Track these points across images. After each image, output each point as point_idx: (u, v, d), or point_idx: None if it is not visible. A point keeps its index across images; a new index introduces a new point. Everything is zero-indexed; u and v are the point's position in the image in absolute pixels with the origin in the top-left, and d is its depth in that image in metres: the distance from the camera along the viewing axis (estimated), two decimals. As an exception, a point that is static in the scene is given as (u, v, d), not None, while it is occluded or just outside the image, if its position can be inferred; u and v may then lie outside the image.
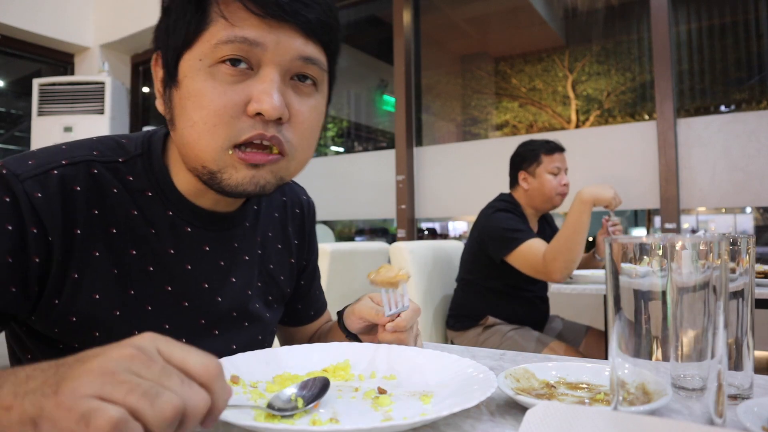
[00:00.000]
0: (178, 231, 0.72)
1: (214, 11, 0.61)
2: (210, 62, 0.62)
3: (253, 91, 0.62)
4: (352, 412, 0.55)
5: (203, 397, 0.38)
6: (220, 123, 0.61)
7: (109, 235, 0.67)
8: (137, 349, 0.37)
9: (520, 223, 2.05)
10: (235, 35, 0.60)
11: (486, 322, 2.12)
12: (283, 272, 0.87)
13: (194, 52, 0.62)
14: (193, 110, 0.62)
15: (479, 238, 2.12)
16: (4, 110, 4.92)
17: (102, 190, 0.67)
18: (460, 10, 4.06)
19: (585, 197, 1.80)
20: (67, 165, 0.65)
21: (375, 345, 0.74)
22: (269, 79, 0.62)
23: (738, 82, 3.10)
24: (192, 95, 0.62)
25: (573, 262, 1.81)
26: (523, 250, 1.93)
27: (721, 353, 0.39)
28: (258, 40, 0.61)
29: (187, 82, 0.63)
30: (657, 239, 0.39)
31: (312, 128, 0.68)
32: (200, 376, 0.38)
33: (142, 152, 0.71)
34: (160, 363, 0.37)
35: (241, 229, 0.78)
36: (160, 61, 0.68)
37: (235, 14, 0.61)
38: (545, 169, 2.11)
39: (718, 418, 0.39)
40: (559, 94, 3.81)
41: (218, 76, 0.62)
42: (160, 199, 0.71)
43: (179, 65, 0.64)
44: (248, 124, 0.62)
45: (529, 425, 0.39)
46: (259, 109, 0.61)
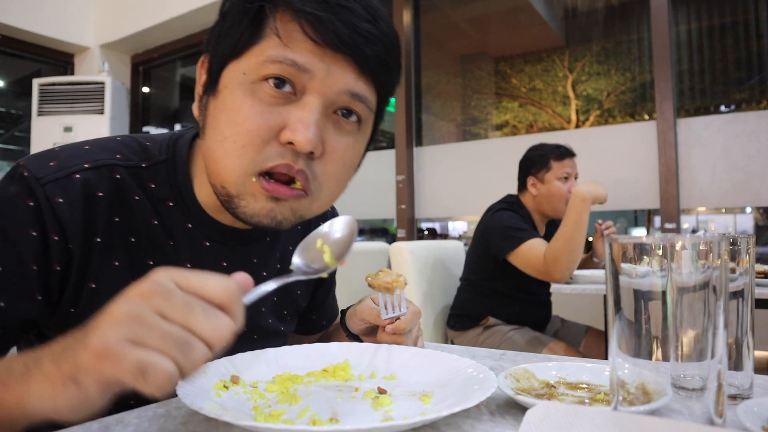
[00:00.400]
0: (197, 244, 0.70)
1: (269, 27, 0.58)
2: (254, 78, 0.59)
3: (291, 117, 0.58)
4: (352, 412, 0.55)
5: (227, 324, 0.39)
6: (249, 144, 0.58)
7: (128, 243, 0.65)
8: (155, 282, 0.38)
9: (522, 223, 2.04)
10: (285, 56, 0.57)
11: (486, 323, 2.12)
12: (300, 286, 0.86)
13: (240, 64, 0.60)
14: (225, 124, 0.59)
15: (483, 238, 2.11)
16: (4, 110, 4.92)
17: (124, 196, 0.65)
18: (460, 10, 4.06)
19: (585, 196, 1.78)
20: (90, 169, 0.63)
21: (375, 345, 0.74)
22: (310, 108, 0.58)
23: (738, 82, 3.09)
24: (228, 108, 0.59)
25: (574, 262, 1.80)
26: (524, 249, 1.92)
27: (721, 353, 0.39)
28: (307, 67, 0.58)
29: (226, 94, 0.60)
30: (657, 239, 0.39)
31: (344, 168, 0.65)
32: (221, 299, 0.39)
33: (166, 158, 0.69)
34: (180, 295, 0.38)
35: (260, 244, 0.76)
36: (206, 65, 0.65)
37: (290, 35, 0.58)
38: (554, 175, 2.07)
39: (718, 418, 0.39)
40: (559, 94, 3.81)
41: (259, 95, 0.59)
42: (181, 211, 0.68)
43: (222, 74, 0.61)
44: (277, 152, 0.59)
45: (529, 425, 0.39)
46: (291, 138, 0.57)
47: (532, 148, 2.18)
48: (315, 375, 0.67)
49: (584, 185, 1.83)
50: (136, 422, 0.51)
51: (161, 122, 4.90)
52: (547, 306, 2.26)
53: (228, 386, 0.59)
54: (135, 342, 0.35)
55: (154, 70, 4.82)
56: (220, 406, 0.53)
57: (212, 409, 0.48)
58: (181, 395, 0.50)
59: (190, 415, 0.53)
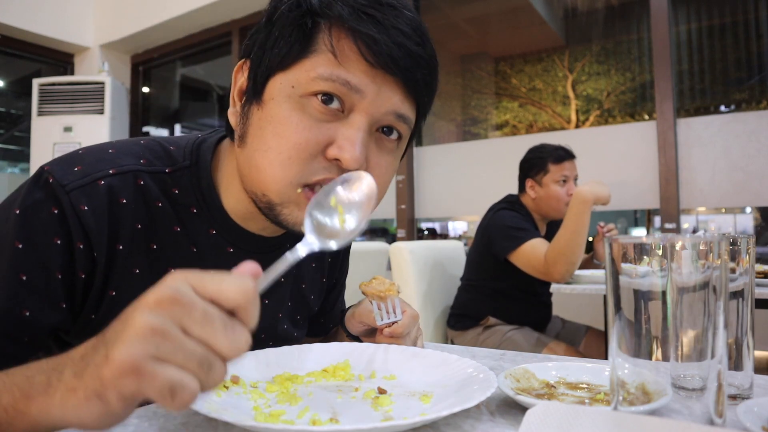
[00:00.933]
0: (220, 251, 0.69)
1: (323, 41, 0.58)
2: (303, 92, 0.59)
3: (338, 135, 0.59)
4: (352, 412, 0.55)
5: (245, 339, 0.38)
6: (296, 158, 0.58)
7: (149, 251, 0.65)
8: (174, 290, 0.37)
9: (524, 222, 2.04)
10: (338, 75, 0.57)
11: (486, 323, 2.12)
12: (313, 291, 0.86)
13: (289, 76, 0.59)
14: (271, 136, 0.59)
15: (484, 237, 2.11)
16: (4, 110, 4.92)
17: (147, 203, 0.65)
18: (460, 10, 4.06)
19: (586, 197, 1.77)
20: (115, 175, 0.62)
21: (375, 345, 0.74)
22: (357, 127, 0.59)
23: (738, 82, 3.09)
24: (274, 120, 0.59)
25: (574, 264, 1.80)
26: (525, 249, 1.92)
27: (721, 353, 0.39)
28: (360, 87, 0.58)
29: (273, 105, 0.60)
30: (657, 239, 0.39)
31: (384, 184, 0.66)
32: (237, 303, 0.38)
33: (190, 164, 0.68)
34: (200, 306, 0.37)
35: (282, 251, 0.76)
36: (246, 72, 0.65)
37: (345, 53, 0.58)
38: (552, 178, 2.06)
39: (718, 418, 0.39)
40: (559, 94, 3.81)
41: (307, 109, 0.59)
42: (205, 217, 0.68)
43: (268, 84, 0.61)
44: (323, 167, 0.59)
45: (529, 425, 0.39)
46: (339, 156, 0.58)
47: (531, 150, 2.17)
48: (315, 375, 0.67)
49: (586, 185, 1.81)
50: (136, 422, 0.51)
51: (161, 122, 4.90)
52: (547, 306, 2.26)
53: (228, 386, 0.59)
54: (161, 359, 0.35)
55: (154, 70, 4.82)
56: (220, 406, 0.53)
57: (212, 409, 0.48)
58: (181, 395, 0.50)
59: (190, 415, 0.53)
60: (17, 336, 0.58)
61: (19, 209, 0.58)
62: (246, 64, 0.65)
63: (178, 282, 0.38)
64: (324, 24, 0.58)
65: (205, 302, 0.38)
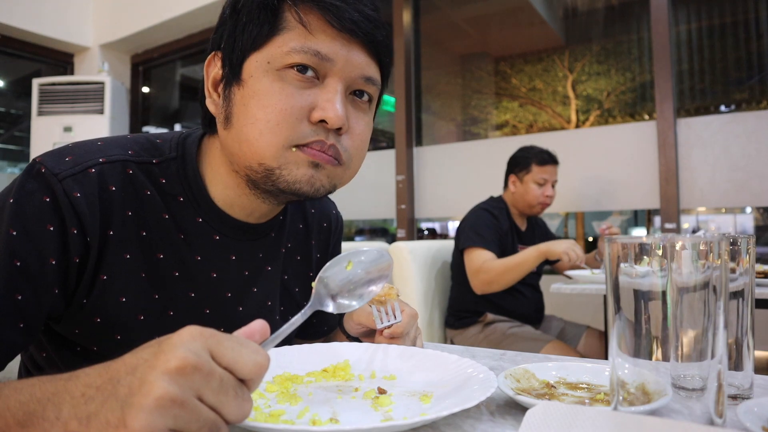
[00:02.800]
0: (207, 238, 0.72)
1: (291, 17, 0.63)
2: (279, 66, 0.63)
3: (319, 99, 0.63)
4: (352, 412, 0.55)
5: (250, 407, 0.40)
6: (283, 123, 0.62)
7: (140, 237, 0.67)
8: (196, 357, 0.36)
9: (487, 230, 2.14)
10: (309, 46, 0.62)
11: (485, 320, 2.12)
12: (298, 284, 0.87)
13: (263, 54, 0.64)
14: (257, 108, 0.63)
15: (458, 231, 2.24)
16: (4, 110, 4.92)
17: (136, 191, 0.67)
18: (460, 10, 4.06)
19: (541, 249, 1.97)
20: (105, 163, 0.65)
21: (375, 345, 0.74)
22: (335, 90, 0.64)
23: (738, 82, 3.09)
24: (257, 94, 0.63)
25: (499, 286, 2.02)
26: (473, 252, 2.08)
27: (721, 353, 0.39)
28: (330, 56, 0.63)
29: (253, 82, 0.64)
30: (657, 239, 0.39)
31: (365, 142, 0.71)
32: (252, 376, 0.39)
33: (176, 155, 0.71)
34: (217, 375, 0.37)
35: (266, 240, 0.79)
36: (218, 62, 0.69)
37: (312, 24, 0.63)
38: (532, 178, 2.21)
39: (718, 418, 0.39)
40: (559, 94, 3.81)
41: (286, 79, 0.63)
42: (192, 206, 0.71)
43: (244, 65, 0.65)
44: (310, 130, 0.64)
45: (529, 425, 0.39)
46: (323, 116, 0.63)
47: (520, 149, 2.31)
48: (315, 375, 0.67)
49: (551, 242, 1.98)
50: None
51: (161, 122, 4.90)
52: (536, 298, 2.29)
53: (228, 386, 0.59)
54: (177, 429, 0.35)
55: (154, 70, 4.82)
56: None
57: (212, 409, 0.48)
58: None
59: (190, 415, 0.53)
60: (13, 321, 0.59)
61: (12, 199, 0.60)
62: (217, 56, 0.69)
63: (198, 347, 0.37)
64: (288, 2, 0.63)
65: (222, 370, 0.38)
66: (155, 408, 0.34)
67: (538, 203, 2.21)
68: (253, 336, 0.44)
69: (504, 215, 2.24)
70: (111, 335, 0.66)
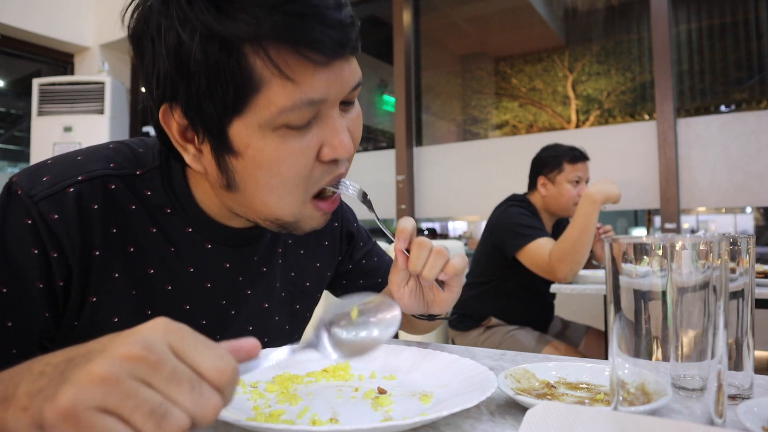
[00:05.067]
0: (199, 248, 0.69)
1: (265, 70, 0.53)
2: (273, 127, 0.56)
3: (324, 137, 0.58)
4: (352, 412, 0.55)
5: (214, 404, 0.36)
6: (301, 182, 0.59)
7: (126, 254, 0.64)
8: (147, 347, 0.35)
9: (533, 220, 2.04)
10: (301, 100, 0.54)
11: (488, 323, 2.11)
12: (308, 278, 0.85)
13: (248, 119, 0.55)
14: (269, 177, 0.58)
15: (492, 236, 2.10)
16: (4, 110, 4.92)
17: (120, 207, 0.64)
18: (460, 10, 4.06)
19: (595, 197, 1.78)
20: (84, 181, 0.62)
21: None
22: (335, 120, 0.59)
23: (738, 82, 3.10)
24: (266, 164, 0.57)
25: (579, 264, 1.80)
26: (532, 247, 1.92)
27: (721, 353, 0.39)
28: (323, 97, 0.56)
29: (254, 153, 0.57)
30: (657, 239, 0.39)
31: (359, 137, 0.66)
32: (213, 380, 0.36)
33: (160, 163, 0.67)
34: (169, 366, 0.35)
35: (261, 243, 0.76)
36: (179, 117, 0.58)
37: (295, 70, 0.53)
38: (566, 177, 2.07)
39: (718, 418, 0.39)
40: (559, 94, 3.81)
41: (288, 138, 0.57)
42: (180, 216, 0.67)
43: (229, 134, 0.56)
44: (323, 171, 0.60)
45: (529, 425, 0.39)
46: (335, 156, 0.59)
47: (546, 148, 2.17)
48: (315, 375, 0.67)
49: (596, 186, 1.82)
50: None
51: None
52: (550, 307, 2.25)
53: (228, 386, 0.59)
54: (105, 410, 0.33)
55: (154, 70, 4.81)
56: (220, 406, 0.53)
57: (212, 409, 0.48)
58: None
59: (190, 415, 0.53)
60: (5, 348, 0.58)
61: None
62: (175, 109, 0.58)
63: (155, 338, 0.36)
64: (252, 47, 0.52)
65: (178, 362, 0.36)
66: (85, 384, 0.33)
67: (573, 204, 2.02)
68: (237, 352, 0.41)
69: (535, 215, 2.11)
70: None
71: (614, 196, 1.81)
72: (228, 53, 0.52)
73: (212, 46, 0.52)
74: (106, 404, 0.33)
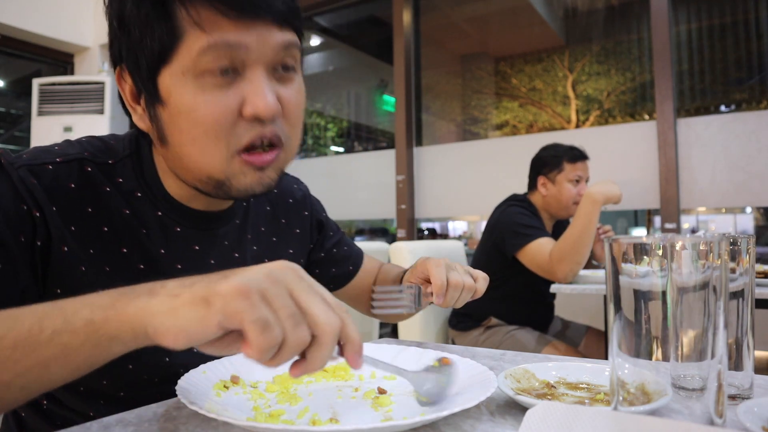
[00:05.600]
0: (169, 231, 0.72)
1: (185, 21, 0.59)
2: (195, 74, 0.60)
3: (246, 93, 0.61)
4: (352, 412, 0.55)
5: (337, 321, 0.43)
6: (221, 132, 0.61)
7: (101, 233, 0.67)
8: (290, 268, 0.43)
9: (533, 220, 2.03)
10: (215, 41, 0.59)
11: (488, 323, 2.11)
12: (293, 248, 0.88)
13: (174, 66, 0.60)
14: (190, 126, 0.61)
15: (492, 236, 2.09)
16: (4, 110, 4.92)
17: (95, 188, 0.67)
18: (460, 10, 4.06)
19: (596, 197, 1.78)
20: (61, 162, 0.65)
21: (374, 345, 0.74)
22: (258, 79, 0.61)
23: (738, 82, 3.10)
24: (184, 111, 0.61)
25: (579, 264, 1.80)
26: (533, 247, 1.92)
27: (721, 353, 0.39)
28: (240, 42, 0.59)
29: (175, 99, 0.61)
30: (657, 239, 0.39)
31: (301, 112, 0.69)
32: (319, 331, 0.42)
33: (131, 152, 0.71)
34: (307, 283, 0.43)
35: (231, 227, 0.79)
36: (127, 77, 0.66)
37: (210, 20, 0.59)
38: (566, 177, 2.07)
39: (718, 418, 0.39)
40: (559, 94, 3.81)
41: (207, 87, 0.60)
42: (150, 200, 0.71)
43: (159, 82, 0.62)
44: (247, 127, 0.62)
45: (529, 425, 0.39)
46: (254, 112, 0.61)
47: (546, 148, 2.16)
48: (315, 375, 0.67)
49: (597, 186, 1.82)
50: (136, 422, 0.51)
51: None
52: (550, 307, 2.25)
53: (228, 386, 0.59)
54: (267, 300, 0.40)
55: (154, 70, 4.81)
56: (220, 406, 0.53)
57: (212, 409, 0.49)
58: (180, 395, 0.50)
59: (190, 416, 0.53)
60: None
61: None
62: (124, 70, 0.66)
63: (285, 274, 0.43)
64: (177, 4, 0.59)
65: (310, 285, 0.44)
66: (254, 276, 0.41)
67: (573, 203, 2.03)
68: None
69: (536, 215, 2.11)
70: None
71: (615, 197, 1.81)
72: (155, 7, 0.59)
73: (144, 3, 0.60)
74: (267, 294, 0.41)
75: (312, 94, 6.53)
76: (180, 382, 0.55)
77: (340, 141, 5.78)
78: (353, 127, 5.74)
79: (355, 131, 5.81)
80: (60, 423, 0.70)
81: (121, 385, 0.69)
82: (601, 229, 2.11)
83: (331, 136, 5.80)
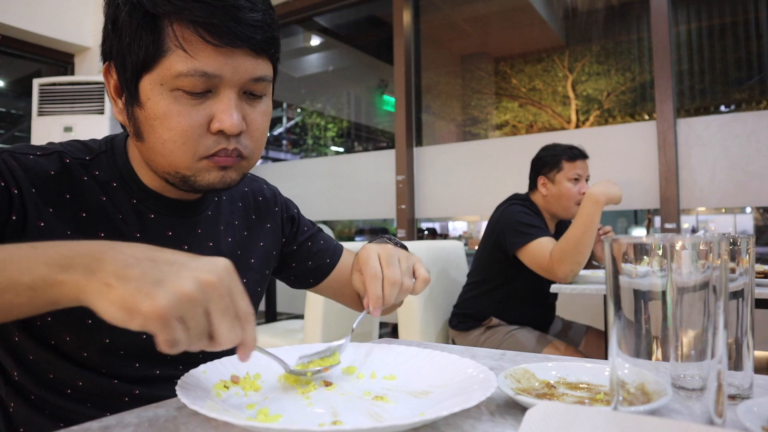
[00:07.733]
0: (143, 218, 0.76)
1: (171, 40, 0.64)
2: (170, 88, 0.66)
3: (215, 111, 0.67)
4: (352, 412, 0.55)
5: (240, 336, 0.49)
6: (189, 141, 0.67)
7: (79, 218, 0.71)
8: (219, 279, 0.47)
9: (535, 219, 2.03)
10: (195, 69, 0.64)
11: (489, 323, 2.11)
12: (253, 256, 0.91)
13: (154, 75, 0.66)
14: (162, 130, 0.67)
15: (493, 234, 2.09)
16: (4, 110, 4.92)
17: (73, 177, 0.72)
18: (460, 10, 4.07)
19: (598, 197, 1.79)
20: (42, 155, 0.71)
21: (374, 345, 0.74)
22: (227, 100, 0.67)
23: (738, 82, 3.10)
24: (158, 117, 0.67)
25: (580, 264, 1.80)
26: (533, 246, 1.91)
27: (721, 353, 0.39)
28: (216, 72, 0.65)
29: (151, 105, 0.67)
30: (657, 239, 0.39)
31: (264, 130, 0.76)
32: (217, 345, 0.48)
33: (106, 149, 0.77)
34: (226, 300, 0.47)
35: (203, 216, 0.83)
36: (114, 74, 0.72)
37: (192, 44, 0.64)
38: (565, 176, 2.07)
39: (718, 418, 0.39)
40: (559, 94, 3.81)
41: (181, 100, 0.66)
42: (124, 189, 0.76)
43: (140, 86, 0.68)
44: (213, 141, 0.68)
45: (529, 425, 0.39)
46: (221, 128, 0.67)
47: (545, 148, 2.17)
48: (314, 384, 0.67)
49: (598, 186, 1.82)
50: (136, 422, 0.51)
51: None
52: (551, 308, 2.25)
53: (228, 386, 0.59)
54: (183, 321, 0.45)
55: (154, 70, 4.81)
56: (220, 406, 0.53)
57: (212, 409, 0.49)
58: (180, 395, 0.50)
59: (190, 415, 0.53)
60: None
61: None
62: (111, 66, 0.72)
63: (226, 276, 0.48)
64: (166, 21, 0.64)
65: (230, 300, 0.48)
66: (179, 296, 0.44)
67: (575, 202, 2.04)
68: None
69: (537, 214, 2.11)
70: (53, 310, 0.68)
71: (616, 197, 1.81)
72: (146, 21, 0.65)
73: (137, 13, 0.65)
74: (184, 315, 0.45)
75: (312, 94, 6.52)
76: (180, 382, 0.55)
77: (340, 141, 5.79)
78: (353, 127, 5.74)
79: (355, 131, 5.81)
80: (49, 412, 0.72)
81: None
82: (601, 229, 2.10)
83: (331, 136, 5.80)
